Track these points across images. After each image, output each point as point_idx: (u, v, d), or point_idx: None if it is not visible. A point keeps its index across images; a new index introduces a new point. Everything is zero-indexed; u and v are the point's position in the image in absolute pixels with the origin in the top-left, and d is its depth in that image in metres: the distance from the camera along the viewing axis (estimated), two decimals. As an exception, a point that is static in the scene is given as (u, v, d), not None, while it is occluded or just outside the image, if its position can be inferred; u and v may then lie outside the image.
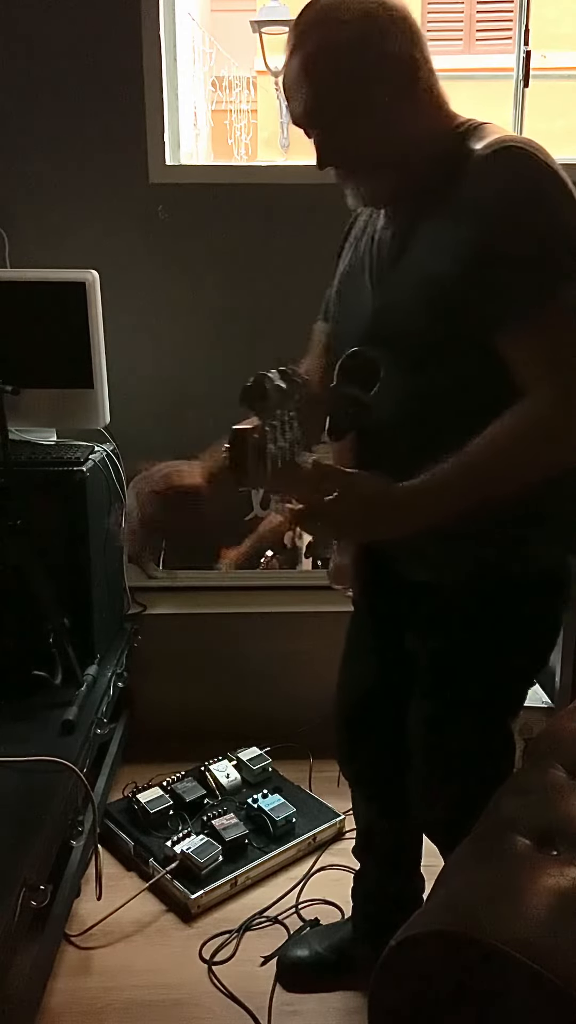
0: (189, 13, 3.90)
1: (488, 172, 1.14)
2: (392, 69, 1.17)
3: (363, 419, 1.22)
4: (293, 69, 1.18)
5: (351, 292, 1.35)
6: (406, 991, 1.02)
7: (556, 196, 1.13)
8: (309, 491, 1.11)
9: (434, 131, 1.21)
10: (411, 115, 1.19)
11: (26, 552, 1.94)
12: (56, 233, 2.42)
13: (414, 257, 1.22)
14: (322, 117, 1.20)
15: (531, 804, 1.17)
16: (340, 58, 1.15)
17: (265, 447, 0.99)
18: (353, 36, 1.15)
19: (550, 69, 4.75)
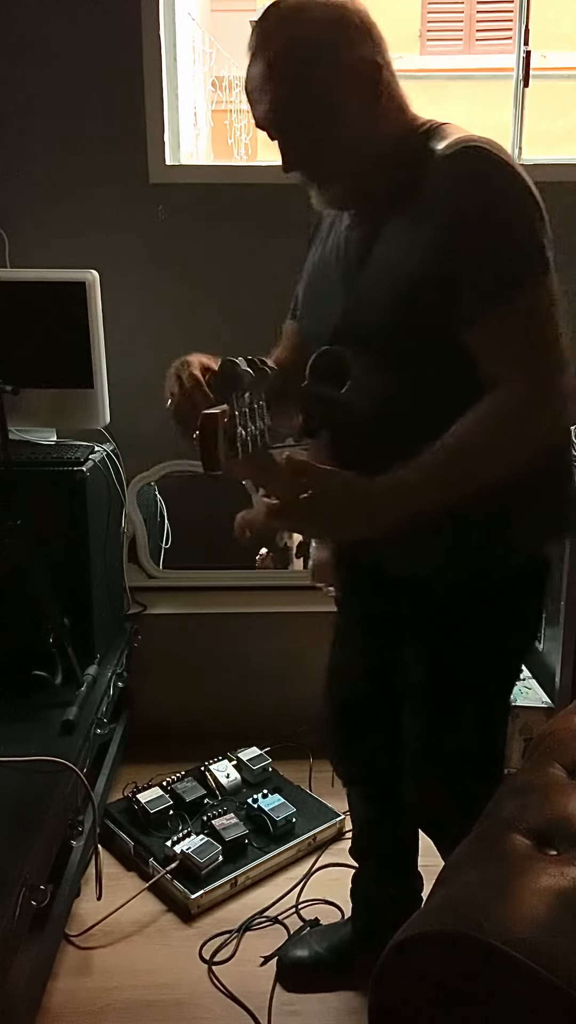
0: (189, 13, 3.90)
1: (450, 171, 1.16)
2: (355, 73, 1.18)
3: (336, 417, 1.24)
4: (256, 73, 1.19)
5: (319, 292, 1.37)
6: (406, 991, 1.02)
7: (516, 193, 1.16)
8: (284, 487, 1.12)
9: (396, 133, 1.23)
10: (374, 118, 1.21)
11: (26, 552, 1.94)
12: (56, 233, 2.42)
13: (381, 257, 1.24)
14: (286, 121, 1.21)
15: (531, 804, 1.17)
16: (303, 62, 1.16)
17: (235, 431, 1.00)
18: (316, 39, 1.16)
19: (550, 69, 4.75)
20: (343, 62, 1.17)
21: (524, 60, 2.48)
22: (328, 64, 1.17)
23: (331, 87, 1.18)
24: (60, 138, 2.40)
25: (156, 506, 2.64)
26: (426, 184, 1.17)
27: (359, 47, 1.18)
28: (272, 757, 2.33)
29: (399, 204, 1.21)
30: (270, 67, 1.17)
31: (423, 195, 1.17)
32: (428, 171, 1.17)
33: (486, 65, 7.24)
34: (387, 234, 1.23)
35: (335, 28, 1.17)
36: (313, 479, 1.11)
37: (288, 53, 1.16)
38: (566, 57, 6.11)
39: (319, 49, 1.16)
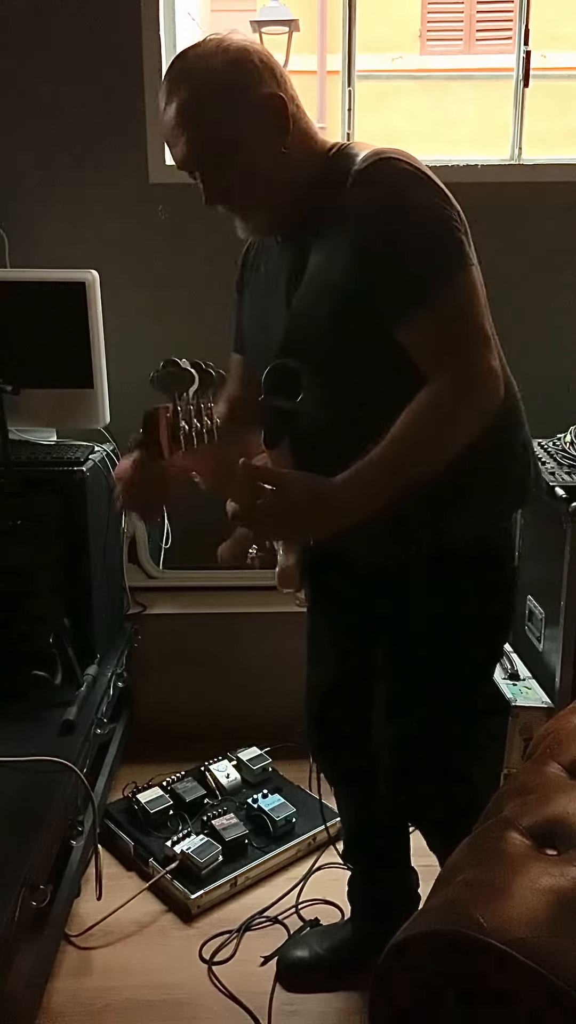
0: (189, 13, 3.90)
1: (364, 181, 1.23)
2: (260, 110, 1.25)
3: (292, 426, 1.30)
4: (169, 118, 1.26)
5: (262, 318, 1.44)
6: (406, 991, 1.02)
7: (429, 196, 1.23)
8: (242, 491, 1.17)
9: (309, 159, 1.31)
10: (284, 149, 1.28)
11: (26, 552, 1.95)
12: (56, 233, 2.42)
13: (314, 271, 1.30)
14: (201, 161, 1.28)
15: (531, 804, 1.17)
16: (209, 106, 1.24)
17: (178, 425, 1.05)
18: (221, 84, 1.24)
19: (550, 69, 4.75)
20: (248, 101, 1.25)
21: (524, 60, 2.48)
22: (233, 104, 1.24)
23: (238, 126, 1.25)
24: (60, 138, 2.40)
25: (156, 506, 2.64)
26: (343, 200, 1.24)
27: (262, 85, 1.25)
28: (272, 757, 2.33)
29: (322, 223, 1.28)
30: (180, 114, 1.25)
31: (342, 211, 1.24)
32: (344, 187, 1.24)
33: (486, 65, 7.25)
34: (315, 252, 1.30)
35: (237, 70, 1.24)
36: (271, 481, 1.17)
37: (194, 99, 1.24)
38: (566, 57, 6.12)
39: (223, 92, 1.24)
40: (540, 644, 2.05)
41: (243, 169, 1.28)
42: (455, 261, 1.21)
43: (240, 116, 1.25)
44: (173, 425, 1.05)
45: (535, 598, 2.06)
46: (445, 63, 7.79)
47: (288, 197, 1.31)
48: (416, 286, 1.20)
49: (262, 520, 1.19)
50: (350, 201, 1.23)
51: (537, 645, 2.07)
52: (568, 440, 2.12)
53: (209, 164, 1.28)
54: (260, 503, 1.16)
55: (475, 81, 7.49)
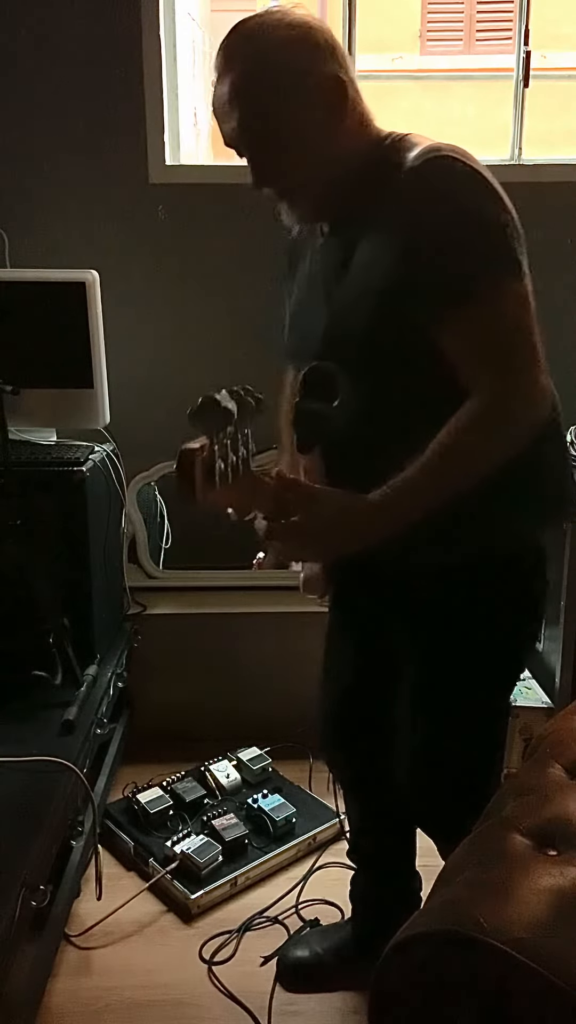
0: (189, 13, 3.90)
1: (417, 179, 1.17)
2: (319, 91, 1.20)
3: (327, 431, 1.25)
4: (222, 92, 1.21)
5: (304, 312, 1.39)
6: (406, 991, 1.02)
7: (483, 198, 1.17)
8: (274, 506, 1.13)
9: (362, 148, 1.25)
10: (339, 134, 1.23)
11: (26, 552, 1.94)
12: (56, 233, 2.42)
13: (357, 270, 1.25)
14: (252, 140, 1.23)
15: (531, 804, 1.17)
16: (268, 82, 1.19)
17: (214, 465, 1.00)
18: (278, 62, 1.18)
19: (550, 69, 4.75)
20: (307, 81, 1.19)
21: (524, 60, 2.48)
22: (292, 83, 1.18)
23: (296, 106, 1.19)
24: (60, 138, 2.40)
25: (156, 506, 2.64)
26: (394, 195, 1.18)
27: (323, 65, 1.20)
28: (272, 757, 2.33)
29: (370, 217, 1.22)
30: (235, 87, 1.19)
31: (393, 205, 1.19)
32: (396, 182, 1.19)
33: (486, 65, 7.24)
34: (361, 247, 1.24)
35: (299, 47, 1.19)
36: (302, 497, 1.13)
37: (252, 73, 1.18)
38: (566, 57, 6.11)
39: (283, 68, 1.18)
40: (540, 644, 2.05)
41: (295, 152, 1.22)
42: (507, 267, 1.16)
43: (297, 96, 1.19)
44: (209, 465, 1.00)
45: (535, 598, 2.06)
46: (445, 63, 7.79)
47: (338, 185, 1.25)
48: (464, 288, 1.14)
49: (292, 537, 1.16)
50: (401, 197, 1.18)
51: (537, 645, 2.07)
52: (568, 440, 2.12)
53: (260, 144, 1.22)
54: (292, 521, 1.12)
55: (475, 81, 7.48)
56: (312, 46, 1.19)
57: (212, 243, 2.47)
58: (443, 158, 1.17)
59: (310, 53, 1.19)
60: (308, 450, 1.28)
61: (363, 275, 1.23)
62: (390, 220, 1.19)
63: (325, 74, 1.20)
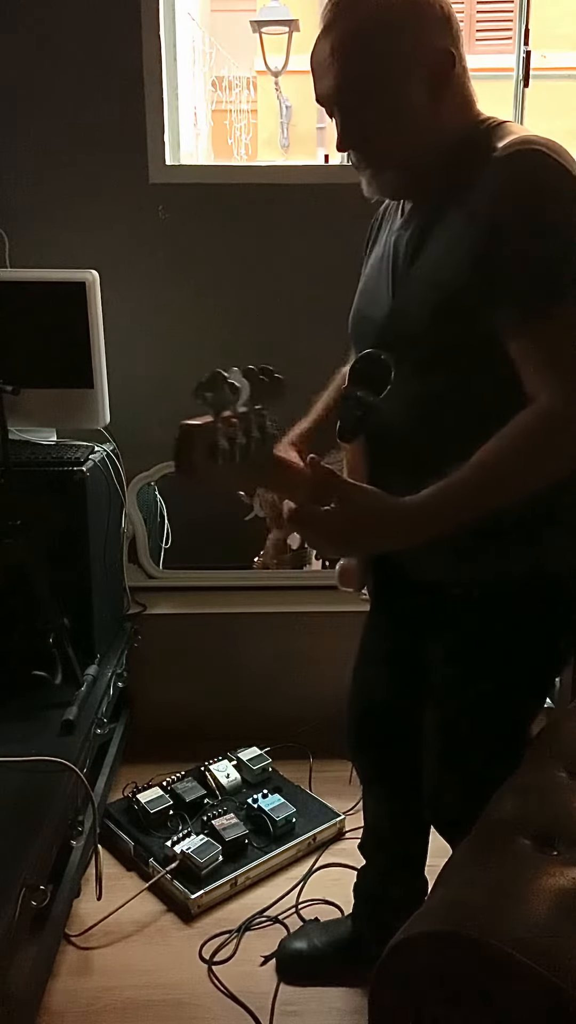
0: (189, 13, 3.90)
1: (503, 172, 1.12)
2: (426, 61, 1.15)
3: (371, 422, 1.21)
4: (324, 46, 1.16)
5: (369, 294, 1.34)
6: (406, 991, 1.02)
7: (570, 199, 1.10)
8: (305, 494, 1.09)
9: (458, 128, 1.19)
10: (436, 109, 1.18)
11: (26, 552, 1.94)
12: (56, 233, 2.42)
13: (429, 258, 1.20)
14: (348, 98, 1.18)
15: (531, 804, 1.17)
16: (375, 40, 1.13)
17: (216, 443, 0.96)
18: (390, 22, 1.13)
19: (550, 69, 4.74)
20: (415, 47, 1.14)
21: (524, 60, 2.48)
22: (400, 47, 1.14)
23: (400, 71, 1.15)
24: (60, 138, 2.40)
25: (156, 506, 2.64)
26: (480, 184, 1.14)
27: (434, 35, 1.15)
28: (272, 757, 2.33)
29: (452, 202, 1.17)
30: (340, 42, 1.15)
31: (476, 195, 1.14)
32: (483, 171, 1.14)
33: (486, 65, 7.22)
34: (438, 233, 1.19)
35: (412, 12, 1.14)
36: (336, 491, 1.08)
37: (360, 30, 1.14)
38: (566, 57, 6.10)
39: (393, 30, 1.13)
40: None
41: (389, 118, 1.17)
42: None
43: (402, 61, 1.14)
44: (211, 442, 0.96)
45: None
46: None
47: (425, 161, 1.19)
48: (537, 294, 1.09)
49: (319, 529, 1.10)
50: (485, 188, 1.12)
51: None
52: None
53: (354, 102, 1.17)
54: (322, 511, 1.07)
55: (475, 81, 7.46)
56: (426, 13, 1.14)
57: (212, 243, 2.47)
58: (534, 152, 1.11)
59: (425, 20, 1.14)
60: (349, 440, 1.24)
61: (434, 266, 1.18)
62: (470, 211, 1.14)
63: (436, 45, 1.15)
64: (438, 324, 1.17)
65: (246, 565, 1.67)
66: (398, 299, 1.25)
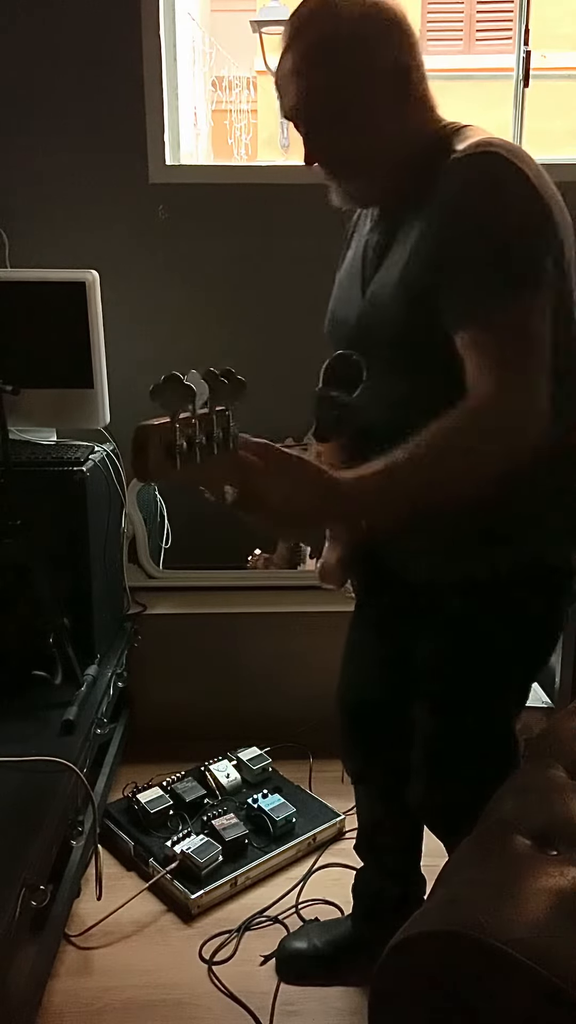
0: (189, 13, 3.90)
1: (459, 173, 1.15)
2: (384, 72, 1.18)
3: (346, 421, 1.24)
4: (286, 64, 1.20)
5: (343, 296, 1.37)
6: (406, 991, 1.02)
7: (523, 200, 1.13)
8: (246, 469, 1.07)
9: (421, 135, 1.22)
10: (399, 119, 1.21)
11: (26, 552, 1.94)
12: (56, 233, 2.42)
13: (393, 260, 1.23)
14: (311, 114, 1.21)
15: (531, 804, 1.17)
16: (334, 55, 1.16)
17: (173, 443, 0.97)
18: (349, 35, 1.16)
19: (550, 69, 4.75)
20: (374, 59, 1.17)
21: (524, 60, 2.48)
22: (359, 60, 1.17)
23: (360, 83, 1.18)
24: (60, 138, 2.40)
25: (156, 506, 2.64)
26: (438, 186, 1.16)
27: (392, 46, 1.18)
28: (272, 757, 2.33)
29: (414, 206, 1.20)
30: (301, 59, 1.18)
31: (434, 197, 1.16)
32: (441, 173, 1.16)
33: (486, 65, 7.24)
34: (401, 237, 1.22)
35: (369, 24, 1.16)
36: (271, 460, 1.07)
37: (320, 46, 1.17)
38: (566, 57, 6.11)
39: (351, 44, 1.16)
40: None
41: (352, 130, 1.20)
42: (525, 280, 1.11)
43: (361, 74, 1.17)
44: (167, 442, 0.97)
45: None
46: (445, 63, 7.78)
47: (391, 169, 1.23)
48: (480, 291, 1.11)
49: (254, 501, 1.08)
50: (442, 189, 1.15)
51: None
52: None
53: (317, 117, 1.21)
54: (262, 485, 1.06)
55: (475, 81, 7.47)
56: (382, 24, 1.17)
57: (212, 243, 2.47)
58: (489, 154, 1.14)
59: (381, 32, 1.17)
60: (325, 439, 1.26)
61: (398, 267, 1.21)
62: (428, 212, 1.17)
63: (392, 55, 1.18)
64: (404, 323, 1.20)
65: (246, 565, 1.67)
66: (367, 300, 1.28)
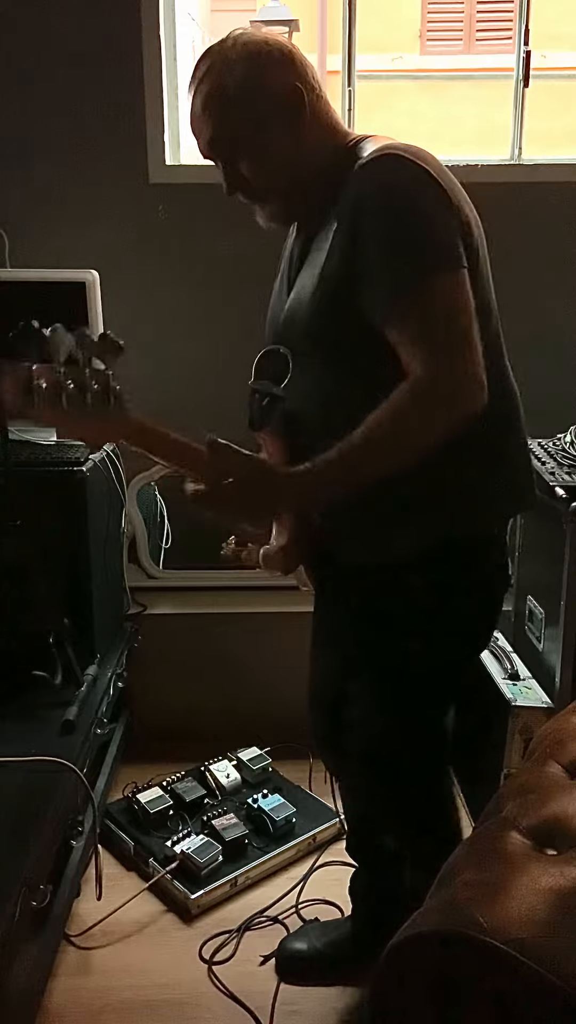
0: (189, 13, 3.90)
1: (363, 176, 1.23)
2: (277, 103, 1.28)
3: (275, 411, 1.33)
4: (194, 107, 1.31)
5: (275, 301, 1.48)
6: (406, 991, 1.02)
7: (424, 193, 1.21)
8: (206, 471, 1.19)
9: (324, 151, 1.32)
10: (300, 141, 1.30)
11: (26, 552, 1.94)
12: (56, 233, 2.42)
13: (310, 261, 1.33)
14: (218, 151, 1.33)
15: (531, 804, 1.17)
16: (226, 98, 1.28)
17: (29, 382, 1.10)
18: (238, 77, 1.27)
19: (550, 69, 4.75)
20: (262, 93, 1.27)
21: (524, 60, 2.48)
22: (248, 96, 1.27)
23: (253, 117, 1.28)
24: (60, 138, 2.40)
25: (156, 506, 2.64)
26: (346, 192, 1.24)
27: (280, 76, 1.28)
28: (272, 757, 2.33)
29: (327, 212, 1.29)
30: (202, 105, 1.29)
31: (343, 201, 1.25)
32: (350, 179, 1.24)
33: (486, 65, 7.25)
34: (318, 241, 1.31)
35: (252, 63, 1.27)
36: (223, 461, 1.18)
37: (212, 92, 1.28)
38: (566, 57, 6.12)
39: (238, 84, 1.26)
40: (540, 644, 2.05)
41: (258, 160, 1.31)
42: (440, 260, 1.19)
43: (255, 108, 1.27)
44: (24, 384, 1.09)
45: (535, 598, 2.06)
46: (445, 63, 7.80)
47: (303, 187, 1.33)
48: (395, 282, 1.19)
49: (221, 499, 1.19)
50: (349, 193, 1.24)
51: (537, 645, 2.07)
52: (568, 440, 2.12)
53: (226, 154, 1.32)
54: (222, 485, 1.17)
55: (475, 81, 7.49)
56: (267, 59, 1.28)
57: (212, 243, 2.47)
58: (388, 156, 1.23)
59: (266, 66, 1.27)
60: (257, 429, 1.35)
61: (313, 266, 1.30)
62: (338, 214, 1.25)
63: (282, 84, 1.28)
64: (319, 314, 1.28)
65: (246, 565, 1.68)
66: (291, 299, 1.38)
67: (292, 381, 1.34)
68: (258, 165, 1.31)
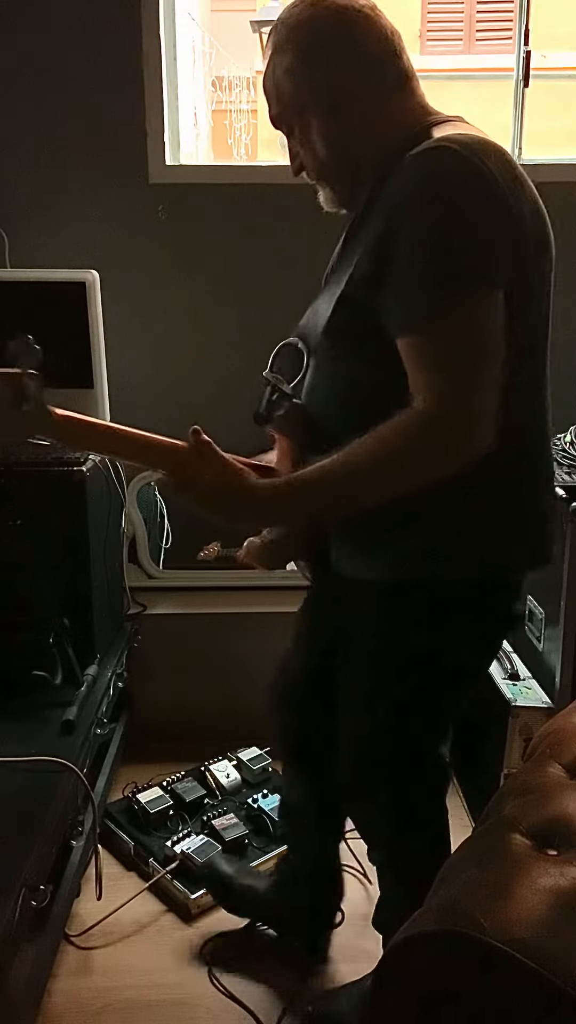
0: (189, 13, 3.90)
1: (408, 172, 1.12)
2: (360, 73, 1.19)
3: (282, 406, 1.27)
4: (269, 72, 1.24)
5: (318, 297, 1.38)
6: (406, 991, 1.02)
7: (472, 200, 1.08)
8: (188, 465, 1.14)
9: (394, 135, 1.19)
10: (376, 118, 1.21)
11: (26, 552, 1.94)
12: (56, 233, 2.42)
13: (346, 257, 1.25)
14: (280, 126, 1.26)
15: (531, 804, 1.17)
16: (290, 72, 1.20)
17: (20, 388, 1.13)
18: (321, 41, 1.18)
19: (550, 69, 4.75)
20: (351, 66, 1.18)
21: (524, 60, 2.48)
22: (334, 69, 1.18)
23: (333, 89, 1.19)
24: (60, 138, 2.40)
25: (156, 506, 2.64)
26: (392, 186, 1.14)
27: (365, 44, 1.18)
28: (272, 757, 2.33)
29: (373, 206, 1.19)
30: (265, 77, 1.23)
31: (387, 196, 1.15)
32: (397, 171, 1.14)
33: (486, 65, 7.25)
34: (360, 236, 1.22)
35: (345, 31, 1.17)
36: (207, 460, 1.13)
37: (275, 64, 1.21)
38: (566, 57, 6.11)
39: (325, 53, 1.17)
40: (540, 644, 2.05)
41: (331, 135, 1.21)
42: (471, 279, 1.06)
43: (338, 80, 1.18)
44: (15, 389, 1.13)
45: (535, 598, 2.06)
46: (445, 63, 7.79)
47: (363, 172, 1.22)
48: (415, 299, 1.08)
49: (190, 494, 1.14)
50: (390, 186, 1.14)
51: (537, 645, 2.07)
52: (568, 440, 2.12)
53: (287, 129, 1.26)
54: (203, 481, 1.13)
55: (475, 81, 7.48)
56: (355, 25, 1.18)
57: (212, 243, 2.47)
58: (440, 150, 1.09)
59: (359, 37, 1.18)
60: (263, 423, 1.30)
61: (350, 263, 1.21)
62: (380, 211, 1.16)
63: (369, 53, 1.18)
64: (342, 318, 1.20)
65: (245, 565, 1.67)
66: (321, 296, 1.31)
67: (308, 377, 1.28)
68: (331, 140, 1.21)
